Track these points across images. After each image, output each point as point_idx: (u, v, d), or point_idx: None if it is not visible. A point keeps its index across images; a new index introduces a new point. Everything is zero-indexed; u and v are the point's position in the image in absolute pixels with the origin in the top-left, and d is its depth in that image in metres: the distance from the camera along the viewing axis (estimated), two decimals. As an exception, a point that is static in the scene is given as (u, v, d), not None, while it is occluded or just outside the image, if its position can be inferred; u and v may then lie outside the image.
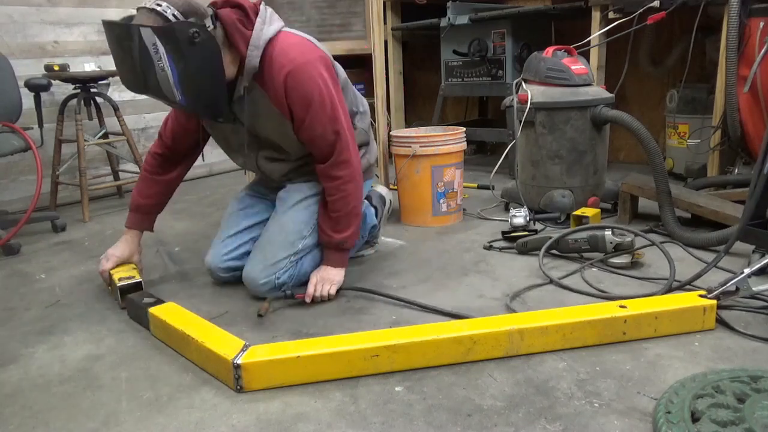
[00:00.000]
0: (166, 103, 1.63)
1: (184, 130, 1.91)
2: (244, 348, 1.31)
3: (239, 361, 1.26)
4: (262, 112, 1.69)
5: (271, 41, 1.64)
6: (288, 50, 1.64)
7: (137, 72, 1.50)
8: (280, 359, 1.27)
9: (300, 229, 1.80)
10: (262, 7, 1.68)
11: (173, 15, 1.49)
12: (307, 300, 1.72)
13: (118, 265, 1.88)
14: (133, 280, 1.77)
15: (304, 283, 1.78)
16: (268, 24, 1.65)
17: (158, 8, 1.48)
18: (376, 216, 2.13)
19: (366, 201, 2.08)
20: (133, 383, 1.34)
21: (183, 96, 1.54)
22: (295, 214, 1.81)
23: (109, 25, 1.50)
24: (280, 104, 1.66)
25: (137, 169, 3.24)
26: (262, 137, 1.78)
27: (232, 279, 1.90)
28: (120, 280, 1.76)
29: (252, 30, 1.61)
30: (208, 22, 1.54)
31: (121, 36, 1.47)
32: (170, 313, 1.53)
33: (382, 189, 2.26)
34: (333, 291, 1.75)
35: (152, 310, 1.55)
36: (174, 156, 1.96)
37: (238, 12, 1.62)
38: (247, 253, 1.88)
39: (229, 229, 1.92)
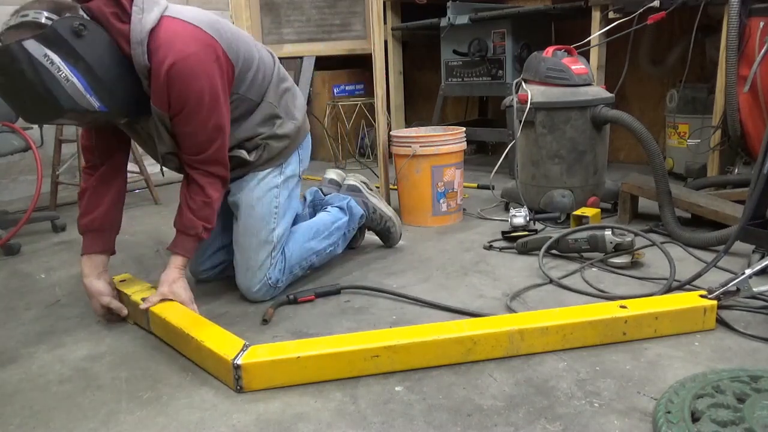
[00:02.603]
0: (84, 123, 1.51)
1: (102, 140, 1.71)
2: (244, 348, 1.31)
3: (239, 362, 1.26)
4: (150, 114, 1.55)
5: (153, 32, 1.43)
6: (172, 41, 1.45)
7: (42, 97, 1.32)
8: (280, 359, 1.27)
9: (266, 223, 1.75)
10: None
11: (46, 18, 1.32)
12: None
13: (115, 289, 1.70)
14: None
15: (301, 278, 1.77)
16: (147, 11, 1.44)
17: (26, 19, 1.31)
18: (360, 204, 2.09)
19: (340, 196, 2.06)
20: (133, 383, 1.34)
21: (100, 100, 1.39)
22: (254, 213, 1.75)
23: None
24: (161, 102, 1.49)
25: (137, 169, 3.24)
26: (155, 135, 1.62)
27: (213, 277, 1.92)
28: (144, 300, 1.59)
29: (130, 23, 1.42)
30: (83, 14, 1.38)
31: (4, 63, 1.29)
32: (170, 312, 1.53)
33: (332, 173, 2.25)
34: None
35: (152, 308, 1.55)
36: (102, 158, 1.73)
37: (109, 3, 1.43)
38: (222, 248, 1.88)
39: None
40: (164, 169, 1.74)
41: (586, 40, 2.88)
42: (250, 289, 1.74)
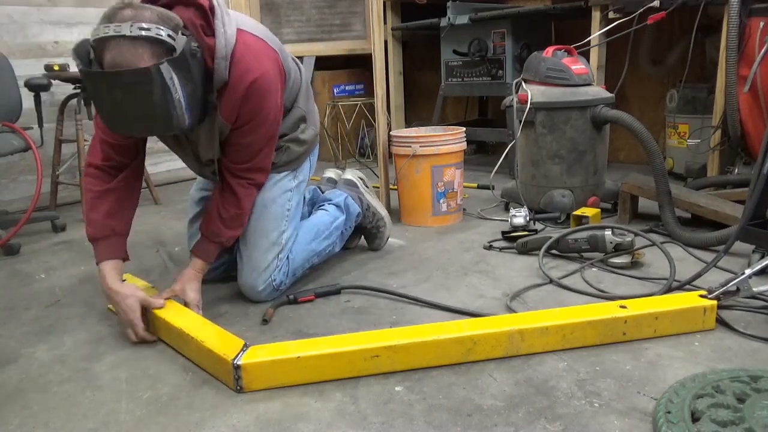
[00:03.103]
0: (164, 135, 1.54)
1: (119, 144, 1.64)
2: (244, 348, 1.31)
3: (239, 362, 1.26)
4: (213, 126, 1.57)
5: (234, 47, 1.47)
6: (251, 59, 1.49)
7: (157, 116, 1.33)
8: (280, 359, 1.27)
9: (278, 225, 1.76)
10: (215, 2, 1.47)
11: (167, 36, 1.31)
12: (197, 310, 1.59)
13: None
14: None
15: (301, 278, 1.78)
16: (228, 25, 1.47)
17: (147, 33, 1.28)
18: (356, 200, 2.10)
19: (336, 192, 2.07)
20: (133, 383, 1.34)
21: (190, 118, 1.40)
22: (267, 213, 1.76)
23: (108, 77, 1.28)
24: (230, 115, 1.52)
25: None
26: (203, 152, 1.67)
27: (216, 276, 1.92)
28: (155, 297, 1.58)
29: (214, 37, 1.44)
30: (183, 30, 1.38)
31: (134, 82, 1.28)
32: (170, 312, 1.53)
33: (330, 173, 2.27)
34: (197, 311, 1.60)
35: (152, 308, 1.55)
36: (122, 158, 1.65)
37: (197, 14, 1.43)
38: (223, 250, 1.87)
39: (193, 211, 1.91)
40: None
41: (586, 40, 2.88)
42: (255, 289, 1.74)
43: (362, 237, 2.23)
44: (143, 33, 1.28)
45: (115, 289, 1.53)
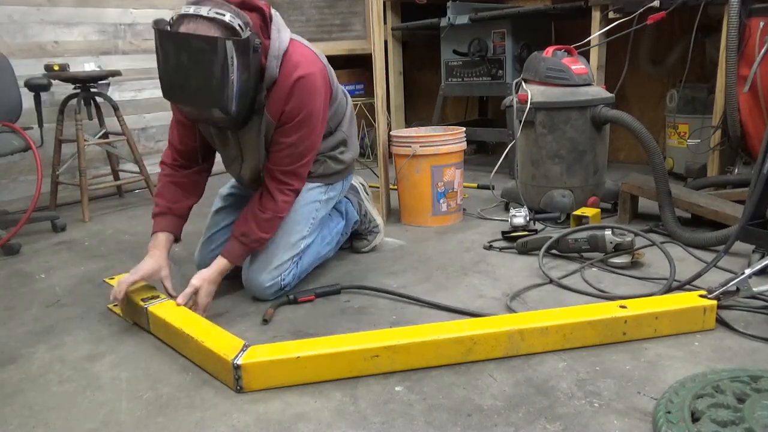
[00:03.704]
0: (204, 119, 1.59)
1: (192, 132, 1.80)
2: (244, 348, 1.31)
3: (239, 362, 1.26)
4: (260, 126, 1.67)
5: (286, 52, 1.63)
6: (300, 60, 1.64)
7: (211, 88, 1.44)
8: (280, 359, 1.27)
9: (301, 229, 1.81)
10: (273, 11, 1.66)
11: (239, 26, 1.46)
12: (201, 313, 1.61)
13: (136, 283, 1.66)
14: (160, 300, 1.61)
15: (305, 281, 1.79)
16: (282, 31, 1.65)
17: (223, 18, 1.44)
18: (355, 206, 2.14)
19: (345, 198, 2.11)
20: (133, 383, 1.34)
21: (237, 107, 1.51)
22: (295, 215, 1.81)
23: (180, 37, 1.41)
24: (276, 112, 1.64)
25: (137, 169, 3.24)
26: (252, 150, 1.74)
27: None
28: (144, 300, 1.59)
29: (269, 38, 1.60)
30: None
31: (199, 48, 1.41)
32: (170, 312, 1.53)
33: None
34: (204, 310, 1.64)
35: (152, 308, 1.55)
36: (189, 162, 1.84)
37: (258, 17, 1.61)
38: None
39: (215, 226, 1.94)
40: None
41: (586, 40, 2.88)
42: (262, 285, 1.74)
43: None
44: (218, 17, 1.44)
45: (149, 252, 1.71)
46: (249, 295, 1.80)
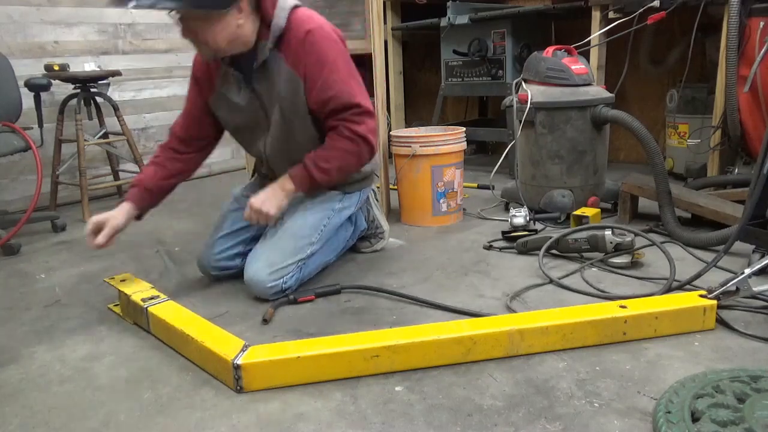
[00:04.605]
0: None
1: (198, 123, 1.88)
2: (244, 348, 1.31)
3: (239, 362, 1.26)
4: (278, 78, 1.70)
5: (294, 7, 1.69)
6: (310, 15, 1.70)
7: None
8: (280, 359, 1.27)
9: (310, 234, 1.81)
10: None
11: None
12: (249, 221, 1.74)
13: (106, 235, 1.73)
14: (160, 300, 1.60)
15: (311, 285, 1.81)
16: None
17: None
18: (364, 212, 2.15)
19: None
20: (133, 383, 1.34)
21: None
22: (305, 219, 1.81)
23: None
24: (297, 63, 1.67)
25: (137, 169, 3.24)
26: (274, 113, 1.75)
27: (222, 276, 1.92)
28: (144, 300, 1.59)
29: None
30: None
31: None
32: (170, 312, 1.53)
33: None
34: (273, 215, 1.72)
35: (152, 309, 1.55)
36: (185, 149, 1.89)
37: None
38: (239, 255, 1.90)
39: (223, 229, 1.93)
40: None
41: (586, 40, 2.88)
42: (263, 284, 1.73)
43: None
44: None
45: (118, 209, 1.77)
46: (249, 296, 1.80)
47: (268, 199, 1.71)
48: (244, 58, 1.70)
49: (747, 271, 1.43)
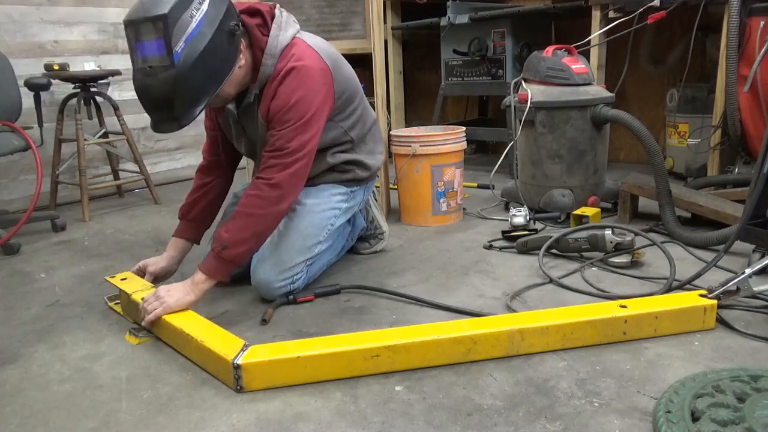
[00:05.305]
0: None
1: (217, 143, 1.91)
2: (244, 348, 1.31)
3: (239, 362, 1.26)
4: (257, 120, 1.70)
5: (285, 49, 1.63)
6: (297, 54, 1.63)
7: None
8: (280, 359, 1.27)
9: (317, 234, 1.80)
10: (277, 11, 1.67)
11: None
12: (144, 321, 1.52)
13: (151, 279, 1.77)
14: None
15: (310, 285, 1.81)
16: (284, 30, 1.65)
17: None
18: (363, 212, 2.15)
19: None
20: (133, 383, 1.34)
21: (180, 58, 1.41)
22: (313, 218, 1.80)
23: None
24: (265, 107, 1.64)
25: (137, 169, 3.24)
26: (260, 147, 1.76)
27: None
28: (144, 300, 1.56)
29: (268, 36, 1.61)
30: (237, 23, 1.54)
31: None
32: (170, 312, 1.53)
33: None
34: (157, 312, 1.49)
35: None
36: (215, 168, 1.93)
37: (258, 19, 1.64)
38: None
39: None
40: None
41: (586, 40, 2.88)
42: (271, 285, 1.72)
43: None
44: None
45: (168, 251, 1.85)
46: (249, 295, 1.80)
47: (174, 290, 1.53)
48: (240, 96, 1.70)
49: (747, 270, 1.43)
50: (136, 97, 1.59)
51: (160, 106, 1.49)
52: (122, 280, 1.75)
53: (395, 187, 2.64)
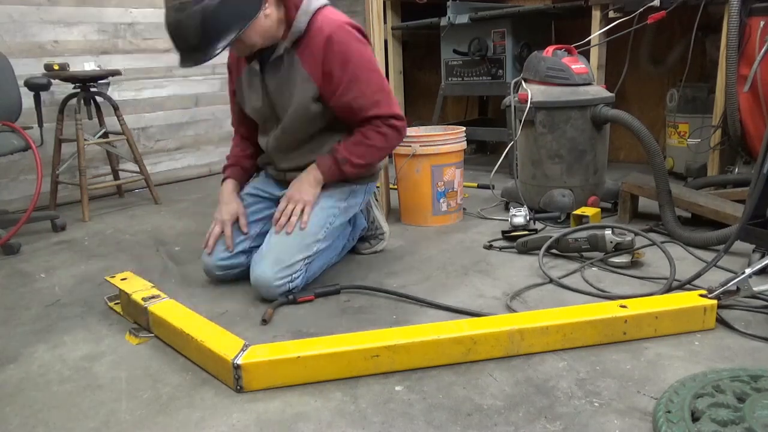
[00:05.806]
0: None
1: (243, 114, 2.00)
2: (244, 348, 1.31)
3: (239, 362, 1.26)
4: (292, 79, 1.75)
5: (318, 10, 1.72)
6: (332, 18, 1.73)
7: None
8: (280, 359, 1.27)
9: (316, 232, 1.80)
10: None
11: None
12: (276, 230, 1.77)
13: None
14: (160, 299, 1.60)
15: (310, 285, 1.81)
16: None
17: None
18: (364, 212, 2.16)
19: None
20: (133, 383, 1.34)
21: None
22: (313, 217, 1.80)
23: None
24: (315, 69, 1.71)
25: (137, 169, 3.24)
26: (282, 113, 1.82)
27: (226, 277, 1.91)
28: (144, 300, 1.59)
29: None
30: None
31: None
32: (170, 311, 1.53)
33: None
34: (305, 217, 1.78)
35: (152, 308, 1.55)
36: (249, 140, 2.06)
37: None
38: (243, 253, 1.89)
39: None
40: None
41: (586, 40, 2.88)
42: (271, 282, 1.71)
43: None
44: None
45: (227, 195, 1.95)
46: (249, 295, 1.80)
47: (304, 191, 1.81)
48: (266, 51, 1.76)
49: (747, 270, 1.43)
50: (136, 96, 1.59)
51: (187, 39, 1.58)
52: (122, 280, 1.75)
53: (395, 187, 2.64)
